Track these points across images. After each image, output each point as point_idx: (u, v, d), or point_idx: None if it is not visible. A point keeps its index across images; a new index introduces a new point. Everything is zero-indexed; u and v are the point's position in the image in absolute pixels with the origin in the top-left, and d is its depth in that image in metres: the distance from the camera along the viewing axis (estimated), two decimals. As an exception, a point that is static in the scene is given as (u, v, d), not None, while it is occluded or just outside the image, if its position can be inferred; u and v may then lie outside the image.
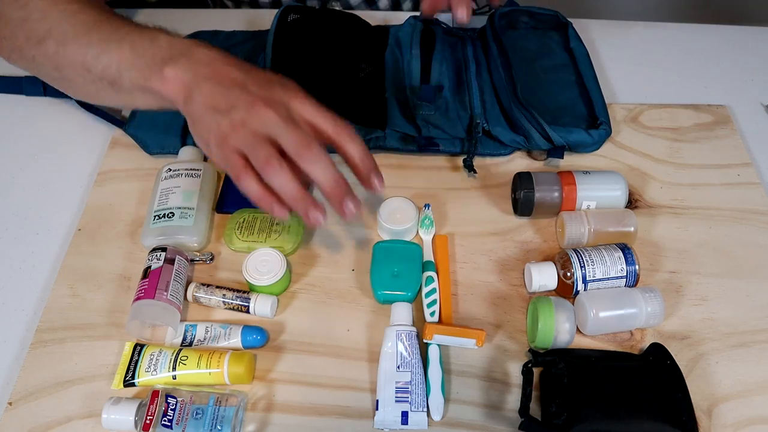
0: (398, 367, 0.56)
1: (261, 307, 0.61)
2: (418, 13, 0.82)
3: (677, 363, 0.56)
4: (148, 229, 0.65)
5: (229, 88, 0.54)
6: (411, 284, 0.62)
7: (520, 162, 0.74)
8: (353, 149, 0.55)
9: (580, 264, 0.60)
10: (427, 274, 0.63)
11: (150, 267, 0.61)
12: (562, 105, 0.76)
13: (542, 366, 0.57)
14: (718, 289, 0.64)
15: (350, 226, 0.68)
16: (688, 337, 0.60)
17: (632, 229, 0.64)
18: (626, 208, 0.68)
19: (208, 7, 1.04)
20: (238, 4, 1.00)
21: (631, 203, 0.70)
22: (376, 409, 0.55)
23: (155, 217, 0.65)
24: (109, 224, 0.69)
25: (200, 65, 0.55)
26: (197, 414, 0.54)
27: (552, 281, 0.61)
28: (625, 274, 0.60)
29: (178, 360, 0.57)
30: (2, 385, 0.59)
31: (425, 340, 0.58)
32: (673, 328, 0.61)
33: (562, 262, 0.62)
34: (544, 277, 0.61)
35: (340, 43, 0.69)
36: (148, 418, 0.53)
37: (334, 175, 0.53)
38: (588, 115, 0.75)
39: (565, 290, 0.61)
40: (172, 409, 0.54)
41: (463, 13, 0.71)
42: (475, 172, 0.72)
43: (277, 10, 0.82)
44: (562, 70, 0.81)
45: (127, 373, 0.57)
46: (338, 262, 0.66)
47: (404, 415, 0.55)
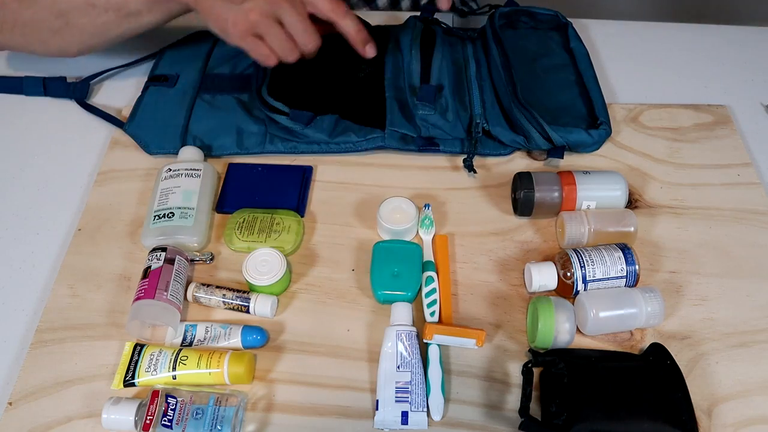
0: (398, 367, 0.56)
1: (261, 307, 0.61)
2: (418, 13, 0.82)
3: (677, 363, 0.55)
4: (148, 229, 0.65)
5: None
6: (411, 284, 0.62)
7: (520, 162, 0.74)
8: (349, 24, 0.68)
9: (580, 264, 0.60)
10: (427, 274, 0.63)
11: (150, 267, 0.61)
12: (562, 105, 0.76)
13: (542, 366, 0.57)
14: (718, 289, 0.64)
15: (350, 226, 0.68)
16: (688, 337, 0.60)
17: (632, 229, 0.64)
18: (626, 208, 0.68)
19: None
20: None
21: (631, 203, 0.70)
22: (376, 409, 0.55)
23: (155, 217, 0.65)
24: (109, 224, 0.69)
25: None
26: (197, 414, 0.54)
27: (552, 281, 0.61)
28: (625, 274, 0.60)
29: (178, 360, 0.57)
30: (2, 385, 0.59)
31: (425, 340, 0.58)
32: (673, 328, 0.61)
33: (562, 262, 0.61)
34: (544, 277, 0.61)
35: (340, 43, 0.70)
36: (148, 418, 0.53)
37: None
38: (588, 115, 0.75)
39: (565, 290, 0.61)
40: (172, 409, 0.54)
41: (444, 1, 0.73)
42: (475, 172, 0.72)
43: None
44: (562, 70, 0.81)
45: (127, 373, 0.57)
46: (338, 262, 0.66)
47: (404, 415, 0.55)
